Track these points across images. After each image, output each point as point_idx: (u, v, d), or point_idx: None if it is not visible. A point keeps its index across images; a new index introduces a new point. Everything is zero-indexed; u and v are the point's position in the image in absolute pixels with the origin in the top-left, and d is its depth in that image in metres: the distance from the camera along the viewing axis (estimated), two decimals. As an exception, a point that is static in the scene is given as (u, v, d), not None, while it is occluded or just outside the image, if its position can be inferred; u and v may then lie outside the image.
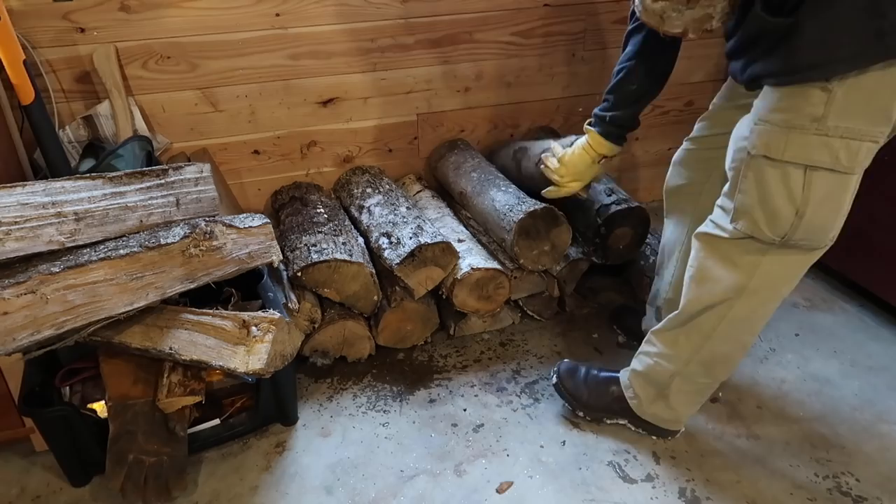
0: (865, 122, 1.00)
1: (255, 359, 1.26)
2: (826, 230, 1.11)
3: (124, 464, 1.28)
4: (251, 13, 1.73)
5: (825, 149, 1.02)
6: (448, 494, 1.37)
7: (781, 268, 1.18)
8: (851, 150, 1.02)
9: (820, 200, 1.06)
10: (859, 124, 1.00)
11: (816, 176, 1.05)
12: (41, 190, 1.26)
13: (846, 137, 1.01)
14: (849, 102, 0.98)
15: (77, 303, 1.18)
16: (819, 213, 1.08)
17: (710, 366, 1.33)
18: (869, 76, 0.96)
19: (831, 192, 1.06)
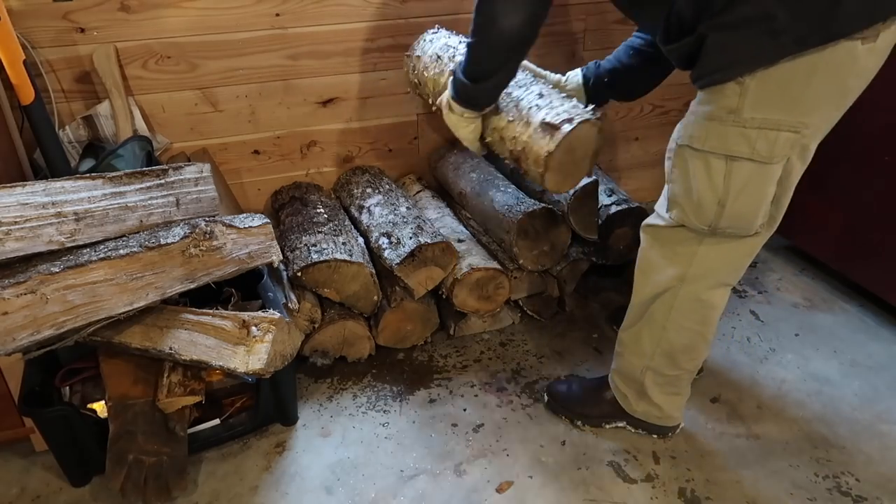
0: (781, 112, 1.03)
1: (255, 359, 1.26)
2: (749, 219, 1.15)
3: (124, 464, 1.28)
4: (251, 13, 1.73)
5: (743, 139, 1.06)
6: (448, 494, 1.37)
7: (718, 255, 1.22)
8: (769, 140, 1.05)
9: (739, 190, 1.10)
10: (774, 115, 1.03)
11: (736, 166, 1.09)
12: (41, 190, 1.26)
13: (763, 128, 1.04)
14: (761, 95, 1.02)
15: (77, 303, 1.19)
16: (739, 203, 1.12)
17: (673, 357, 1.35)
18: (778, 69, 0.99)
19: (751, 182, 1.10)
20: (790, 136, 1.05)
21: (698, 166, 1.12)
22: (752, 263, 2.12)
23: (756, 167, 1.08)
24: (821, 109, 1.05)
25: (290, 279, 1.58)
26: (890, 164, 1.70)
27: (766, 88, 1.02)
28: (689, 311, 1.29)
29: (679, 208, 1.19)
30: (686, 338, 1.32)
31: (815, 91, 1.01)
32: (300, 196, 1.91)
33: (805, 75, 0.99)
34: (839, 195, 1.87)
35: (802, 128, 1.04)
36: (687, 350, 1.34)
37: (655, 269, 1.29)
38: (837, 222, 1.90)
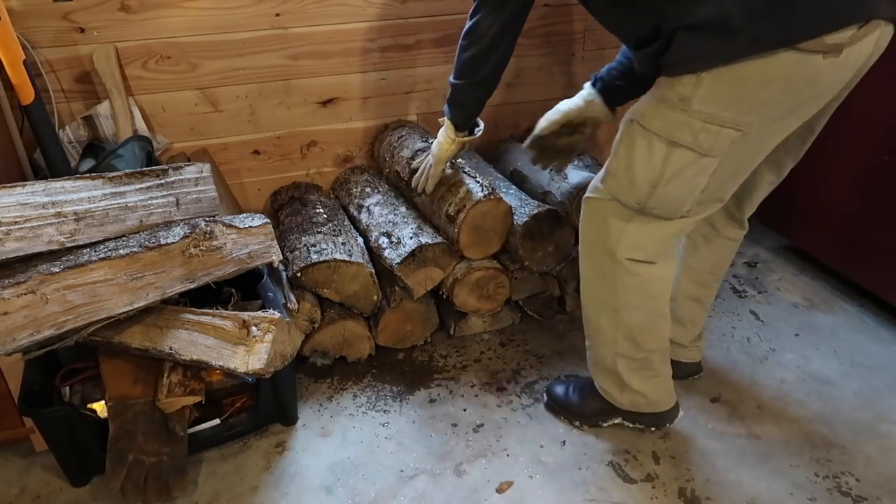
0: (727, 110, 1.05)
1: (255, 359, 1.26)
2: (677, 204, 1.18)
3: (124, 464, 1.28)
4: (251, 13, 1.73)
5: (687, 128, 1.08)
6: (448, 494, 1.37)
7: (645, 232, 1.24)
8: (710, 133, 1.07)
9: (673, 175, 1.13)
10: (722, 111, 1.05)
11: (676, 152, 1.11)
12: (41, 190, 1.26)
13: (707, 122, 1.06)
14: (713, 90, 1.04)
15: (77, 303, 1.19)
16: (671, 187, 1.15)
17: (635, 339, 1.34)
18: (734, 68, 1.01)
19: (686, 170, 1.12)
20: (732, 134, 1.07)
21: (642, 144, 1.15)
22: (753, 263, 2.13)
23: (694, 157, 1.11)
24: (771, 114, 1.06)
25: (290, 279, 1.58)
26: (890, 164, 1.70)
27: (718, 85, 1.04)
28: (631, 287, 1.29)
29: (615, 181, 1.22)
30: (639, 316, 1.32)
31: (768, 96, 1.03)
32: (299, 196, 1.91)
33: (760, 79, 1.01)
34: (839, 195, 1.87)
35: (746, 127, 1.06)
36: (645, 329, 1.34)
37: (593, 246, 1.31)
38: (837, 222, 1.90)
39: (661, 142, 1.12)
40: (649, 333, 1.35)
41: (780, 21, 0.96)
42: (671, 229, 1.24)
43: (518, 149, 2.05)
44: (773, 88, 1.02)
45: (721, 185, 1.18)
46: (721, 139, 1.08)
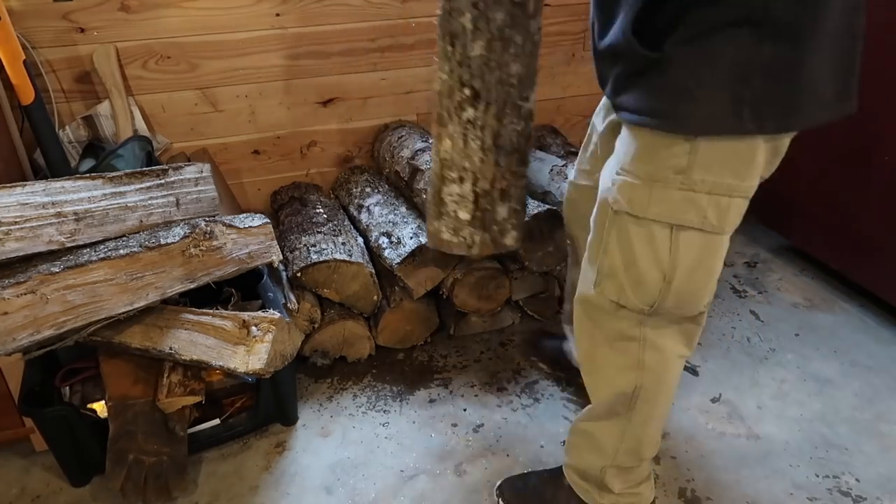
0: (733, 176, 0.89)
1: (255, 359, 1.26)
2: (698, 297, 1.00)
3: (124, 464, 1.28)
4: (251, 13, 1.73)
5: (691, 206, 0.91)
6: (448, 494, 1.37)
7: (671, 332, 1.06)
8: (721, 207, 0.91)
9: (690, 265, 0.95)
10: (727, 178, 0.89)
11: (684, 236, 0.93)
12: (41, 190, 1.26)
13: (714, 193, 0.90)
14: (713, 155, 0.88)
15: (77, 303, 1.19)
16: (690, 279, 0.97)
17: (636, 451, 1.18)
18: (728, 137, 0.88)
19: (701, 255, 0.95)
20: (741, 203, 0.92)
21: (640, 236, 0.96)
22: (753, 263, 2.13)
23: (705, 238, 0.94)
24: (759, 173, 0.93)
25: (290, 279, 1.58)
26: (890, 164, 1.70)
27: (718, 149, 0.88)
28: (655, 398, 1.12)
29: (615, 284, 1.01)
30: (652, 427, 1.16)
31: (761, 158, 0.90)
32: (299, 196, 1.91)
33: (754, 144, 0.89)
34: (839, 195, 1.87)
35: (752, 191, 0.92)
36: (650, 440, 1.18)
37: (606, 365, 1.12)
38: (837, 222, 1.90)
39: (664, 228, 0.94)
40: (651, 443, 1.18)
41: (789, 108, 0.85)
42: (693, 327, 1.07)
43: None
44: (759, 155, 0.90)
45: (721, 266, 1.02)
46: (732, 212, 0.92)
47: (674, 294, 0.98)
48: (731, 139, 0.87)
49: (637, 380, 1.09)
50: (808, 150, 1.95)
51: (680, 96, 0.86)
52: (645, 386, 1.10)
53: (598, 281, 1.04)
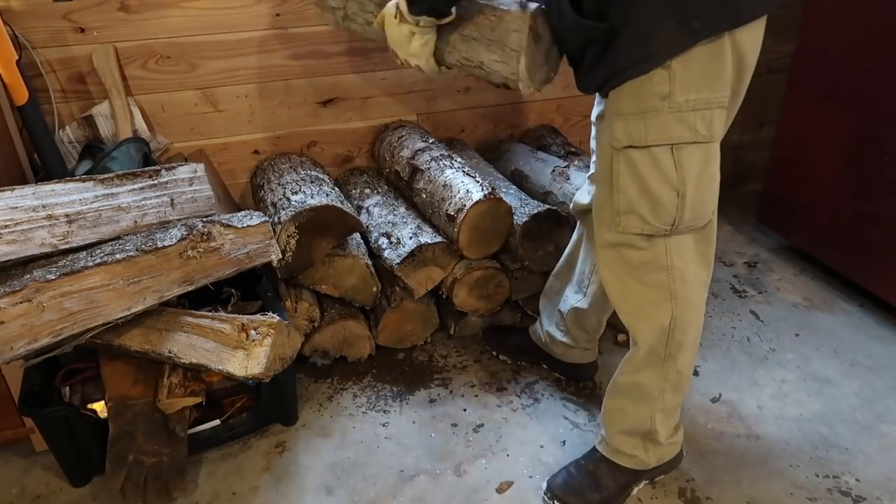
0: (708, 90, 1.02)
1: (254, 363, 1.26)
2: (707, 204, 1.12)
3: (124, 464, 1.28)
4: (251, 13, 1.73)
5: (682, 124, 1.03)
6: (448, 494, 1.37)
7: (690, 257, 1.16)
8: (706, 119, 1.04)
9: (696, 176, 1.07)
10: (704, 93, 1.02)
11: (684, 152, 1.05)
12: (30, 193, 1.26)
13: (698, 109, 1.02)
14: (688, 76, 1.01)
15: (74, 310, 1.18)
16: (698, 189, 1.08)
17: (679, 384, 1.24)
18: (696, 51, 0.99)
19: (701, 165, 1.07)
20: (721, 112, 1.05)
21: (645, 163, 1.06)
22: (753, 263, 2.13)
23: (702, 149, 1.06)
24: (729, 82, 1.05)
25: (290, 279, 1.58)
26: (890, 164, 1.70)
27: (690, 69, 1.00)
28: (686, 328, 1.19)
29: (635, 215, 1.10)
30: (690, 356, 1.22)
31: (728, 66, 1.02)
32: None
33: (719, 54, 1.00)
34: (839, 195, 1.87)
35: (726, 101, 1.04)
36: (690, 369, 1.24)
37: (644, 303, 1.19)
38: (837, 222, 1.90)
39: (664, 150, 1.05)
40: (689, 373, 1.24)
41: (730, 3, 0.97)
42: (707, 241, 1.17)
43: (519, 149, 2.05)
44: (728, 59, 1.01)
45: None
46: (716, 121, 1.04)
47: (689, 206, 1.08)
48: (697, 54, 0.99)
49: (672, 310, 1.17)
50: (808, 151, 1.95)
51: (642, 45, 0.99)
52: (679, 315, 1.17)
53: (618, 221, 1.13)
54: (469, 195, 1.57)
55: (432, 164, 1.72)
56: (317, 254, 1.56)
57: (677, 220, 1.09)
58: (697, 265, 1.18)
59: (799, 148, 1.97)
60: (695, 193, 1.08)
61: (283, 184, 1.69)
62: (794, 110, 1.98)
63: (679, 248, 1.14)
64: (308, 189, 1.63)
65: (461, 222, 1.57)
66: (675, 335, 1.19)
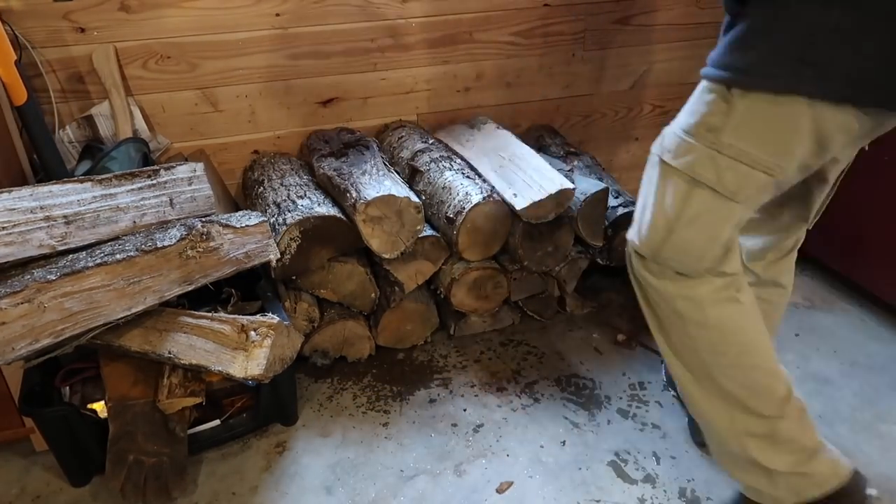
0: (761, 148, 0.92)
1: (253, 364, 1.26)
2: (695, 256, 1.01)
3: (124, 464, 1.28)
4: (251, 13, 1.73)
5: (711, 164, 0.95)
6: (448, 494, 1.37)
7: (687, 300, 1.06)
8: (739, 174, 0.94)
9: (691, 218, 0.99)
10: (753, 149, 0.92)
11: (697, 192, 0.97)
12: (28, 195, 1.26)
13: (736, 159, 0.93)
14: (747, 122, 0.91)
15: (75, 310, 1.18)
16: (688, 233, 0.99)
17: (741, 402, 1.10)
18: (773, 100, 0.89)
19: (706, 215, 0.98)
20: (762, 178, 0.94)
21: (661, 181, 1.02)
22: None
23: (717, 200, 0.97)
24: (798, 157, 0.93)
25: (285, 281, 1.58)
26: (890, 164, 1.69)
27: (754, 116, 0.91)
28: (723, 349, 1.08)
29: (635, 226, 1.08)
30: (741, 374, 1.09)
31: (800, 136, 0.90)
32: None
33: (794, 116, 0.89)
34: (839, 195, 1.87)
35: (778, 172, 0.93)
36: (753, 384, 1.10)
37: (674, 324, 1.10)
38: (838, 222, 1.90)
39: (683, 179, 0.98)
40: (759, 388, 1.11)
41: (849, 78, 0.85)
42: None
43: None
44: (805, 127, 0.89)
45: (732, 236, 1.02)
46: (750, 183, 0.94)
47: (672, 244, 1.01)
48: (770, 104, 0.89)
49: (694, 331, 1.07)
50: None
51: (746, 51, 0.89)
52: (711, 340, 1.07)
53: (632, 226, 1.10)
54: (468, 198, 1.57)
55: (432, 165, 1.72)
56: (314, 261, 1.56)
57: (657, 249, 1.04)
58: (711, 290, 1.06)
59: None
60: (682, 234, 1.00)
61: (286, 185, 1.69)
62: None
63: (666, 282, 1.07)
64: (314, 196, 1.63)
65: (460, 225, 1.57)
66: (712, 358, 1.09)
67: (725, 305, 1.06)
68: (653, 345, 1.77)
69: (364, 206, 1.49)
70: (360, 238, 1.56)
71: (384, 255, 1.56)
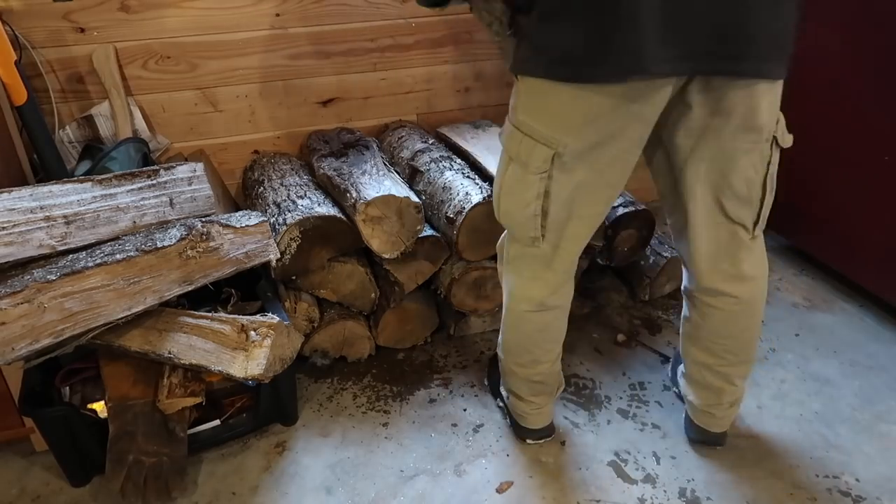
0: (539, 123, 1.03)
1: (253, 364, 1.26)
2: (516, 221, 1.15)
3: (124, 464, 1.28)
4: (251, 13, 1.73)
5: (514, 139, 1.07)
6: (448, 494, 1.37)
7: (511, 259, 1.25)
8: (526, 147, 1.05)
9: (508, 188, 1.12)
10: (535, 123, 1.03)
11: (511, 166, 1.10)
12: (28, 195, 1.26)
13: (526, 134, 1.04)
14: (528, 99, 1.03)
15: (75, 310, 1.18)
16: (507, 202, 1.14)
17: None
18: (533, 82, 1.01)
19: (515, 185, 1.11)
20: (544, 150, 1.03)
21: (500, 159, 1.15)
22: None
23: (518, 170, 1.09)
24: (585, 135, 1.01)
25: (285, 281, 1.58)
26: (890, 164, 1.69)
27: (531, 94, 1.02)
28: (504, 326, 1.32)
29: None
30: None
31: (561, 112, 1.00)
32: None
33: (549, 94, 0.99)
34: (839, 195, 1.87)
35: (558, 145, 1.02)
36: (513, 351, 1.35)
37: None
38: (837, 222, 1.90)
39: (504, 154, 1.13)
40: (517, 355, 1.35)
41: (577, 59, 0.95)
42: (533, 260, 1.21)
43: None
44: (581, 107, 0.98)
45: (566, 212, 1.11)
46: (535, 156, 1.04)
47: (501, 211, 1.17)
48: (533, 85, 1.01)
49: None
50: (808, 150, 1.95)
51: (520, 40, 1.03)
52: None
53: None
54: (468, 198, 1.57)
55: (432, 165, 1.72)
56: (314, 261, 1.56)
57: (497, 214, 1.19)
58: (517, 278, 1.25)
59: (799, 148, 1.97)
60: (505, 203, 1.15)
61: (286, 185, 1.69)
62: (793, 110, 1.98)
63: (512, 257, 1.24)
64: (314, 196, 1.63)
65: (460, 225, 1.57)
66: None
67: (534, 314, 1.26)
68: (653, 345, 1.77)
69: (364, 205, 1.49)
70: (360, 238, 1.55)
71: (384, 255, 1.55)
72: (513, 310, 1.29)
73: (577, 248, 1.20)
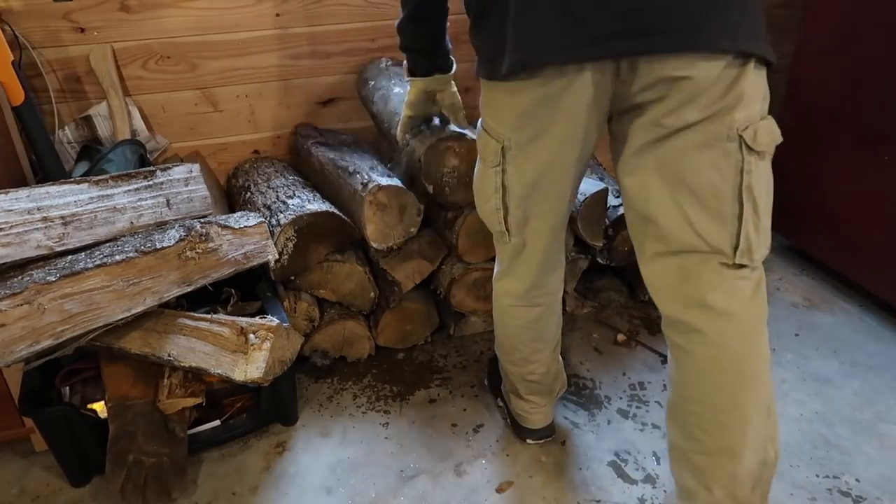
0: (491, 120, 1.09)
1: (253, 367, 1.26)
2: (484, 218, 1.22)
3: (124, 464, 1.28)
4: (251, 13, 1.73)
5: (479, 136, 1.14)
6: (448, 494, 1.37)
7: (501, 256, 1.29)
8: (483, 141, 1.12)
9: (476, 184, 1.20)
10: (489, 121, 1.10)
11: (478, 161, 1.17)
12: (25, 196, 1.26)
13: (485, 130, 1.11)
14: (484, 101, 1.10)
15: (74, 311, 1.18)
16: (476, 197, 1.22)
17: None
18: (484, 83, 1.07)
19: (479, 178, 1.18)
20: (494, 144, 1.08)
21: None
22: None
23: (481, 166, 1.16)
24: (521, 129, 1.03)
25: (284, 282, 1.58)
26: (890, 164, 1.69)
27: (483, 93, 1.09)
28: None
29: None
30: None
31: (510, 110, 1.03)
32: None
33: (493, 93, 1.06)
34: (839, 195, 1.87)
35: (503, 139, 1.07)
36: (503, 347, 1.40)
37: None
38: (837, 222, 1.90)
39: (478, 157, 1.18)
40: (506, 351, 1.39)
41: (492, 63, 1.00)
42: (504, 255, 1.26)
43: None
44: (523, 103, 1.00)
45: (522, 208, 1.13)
46: (489, 150, 1.10)
47: (477, 207, 1.23)
48: (484, 86, 1.08)
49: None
50: (808, 150, 1.95)
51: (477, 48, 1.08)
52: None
53: None
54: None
55: None
56: (312, 259, 1.56)
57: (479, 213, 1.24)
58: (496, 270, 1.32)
59: (799, 147, 1.97)
60: (477, 198, 1.21)
61: (273, 187, 1.69)
62: (793, 110, 1.98)
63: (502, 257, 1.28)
64: (303, 194, 1.63)
65: (459, 228, 1.57)
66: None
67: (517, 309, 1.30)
68: (653, 345, 1.77)
69: (377, 188, 1.49)
70: (355, 231, 1.56)
71: (374, 243, 1.54)
72: (497, 303, 1.34)
73: (543, 243, 1.19)
